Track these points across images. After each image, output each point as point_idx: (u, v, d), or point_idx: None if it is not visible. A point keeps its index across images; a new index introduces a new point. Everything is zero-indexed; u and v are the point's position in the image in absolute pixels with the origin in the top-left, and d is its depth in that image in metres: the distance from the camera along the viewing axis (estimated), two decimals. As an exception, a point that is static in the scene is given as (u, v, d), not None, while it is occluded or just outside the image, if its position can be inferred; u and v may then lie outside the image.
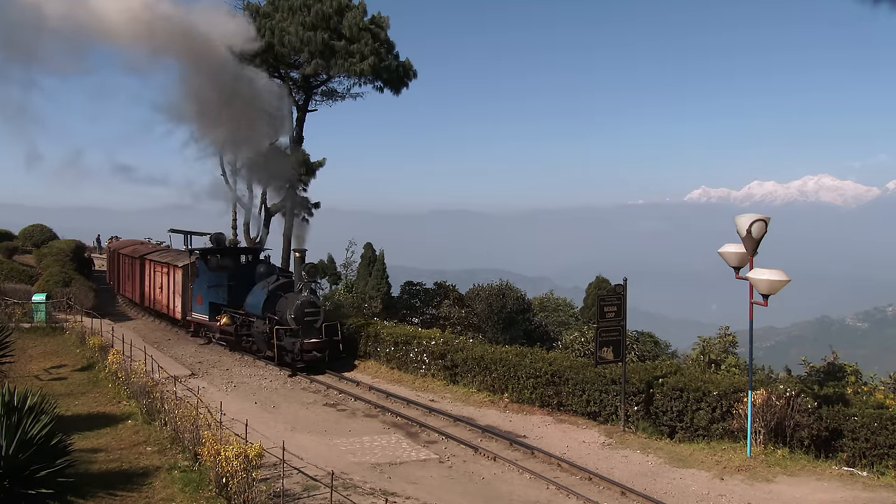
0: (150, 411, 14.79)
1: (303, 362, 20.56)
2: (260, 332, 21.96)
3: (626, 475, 12.51)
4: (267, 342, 21.48)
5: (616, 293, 15.64)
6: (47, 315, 26.54)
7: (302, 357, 20.50)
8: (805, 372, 18.38)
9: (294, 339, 20.67)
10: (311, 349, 20.51)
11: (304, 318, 20.87)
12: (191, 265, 26.25)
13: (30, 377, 18.88)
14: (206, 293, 24.84)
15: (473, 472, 12.87)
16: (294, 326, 20.82)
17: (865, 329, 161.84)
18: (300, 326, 20.78)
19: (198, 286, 25.53)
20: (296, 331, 20.80)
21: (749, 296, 13.07)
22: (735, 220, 13.00)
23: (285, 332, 20.91)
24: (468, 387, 18.67)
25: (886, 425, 12.18)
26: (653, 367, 16.23)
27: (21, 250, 45.25)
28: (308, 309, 21.06)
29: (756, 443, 13.20)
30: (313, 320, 21.13)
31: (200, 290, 25.30)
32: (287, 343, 20.76)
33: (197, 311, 25.72)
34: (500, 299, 30.57)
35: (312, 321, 21.09)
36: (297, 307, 20.90)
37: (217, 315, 24.48)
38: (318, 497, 10.75)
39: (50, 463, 10.01)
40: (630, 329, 21.99)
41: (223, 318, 23.95)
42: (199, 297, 25.37)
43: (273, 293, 22.16)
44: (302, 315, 20.89)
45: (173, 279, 27.56)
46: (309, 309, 21.08)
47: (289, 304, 21.18)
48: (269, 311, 21.85)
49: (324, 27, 28.31)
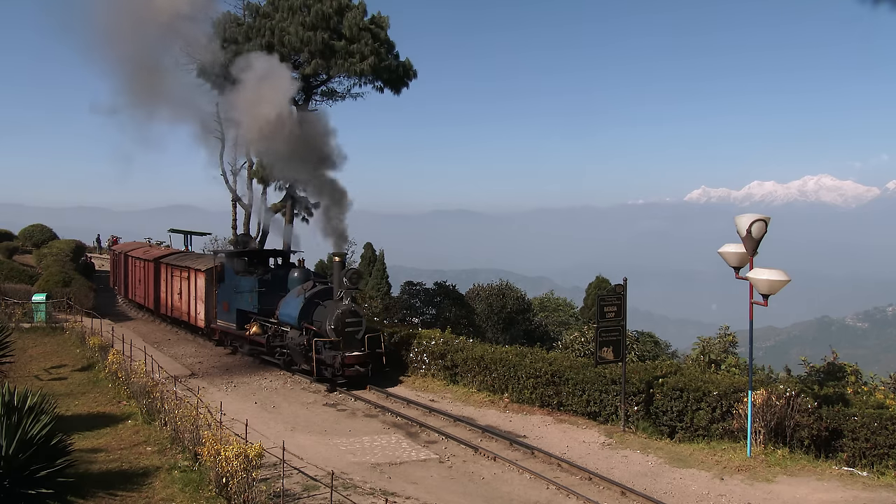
0: (150, 411, 14.79)
1: (344, 378, 18.70)
2: (296, 344, 19.99)
3: (626, 475, 12.51)
4: (304, 355, 19.65)
5: (616, 293, 15.64)
6: (47, 315, 26.55)
7: (343, 372, 18.66)
8: (805, 372, 18.35)
9: (334, 353, 18.84)
10: (352, 363, 18.72)
11: (344, 329, 19.12)
12: (215, 269, 24.60)
13: (30, 377, 18.88)
14: (234, 300, 23.13)
15: (473, 472, 12.87)
16: (334, 338, 19.04)
17: (865, 329, 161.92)
18: (340, 338, 19.04)
19: (224, 292, 23.92)
20: (336, 343, 19.01)
21: (749, 296, 13.06)
22: (735, 220, 13.00)
23: (324, 344, 19.14)
24: (468, 387, 18.67)
25: (886, 425, 12.18)
26: (653, 367, 16.22)
27: (21, 250, 45.33)
28: (350, 319, 19.27)
29: (756, 443, 13.20)
30: (355, 331, 19.36)
31: (227, 297, 23.62)
32: (326, 356, 18.89)
33: (223, 319, 24.01)
34: (500, 299, 30.60)
35: (354, 332, 19.33)
36: (337, 317, 19.06)
37: (246, 324, 22.70)
38: (318, 497, 10.74)
39: (50, 463, 10.01)
40: (630, 329, 21.99)
41: (253, 328, 22.15)
42: (225, 303, 23.70)
43: (310, 301, 20.15)
44: (343, 325, 19.10)
45: (195, 284, 25.88)
46: (350, 319, 19.30)
47: (328, 313, 19.37)
48: (305, 320, 19.94)
49: (324, 27, 28.30)
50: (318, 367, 19.01)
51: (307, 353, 19.38)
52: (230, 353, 23.47)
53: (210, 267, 24.79)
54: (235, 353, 23.33)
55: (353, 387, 18.78)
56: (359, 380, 18.85)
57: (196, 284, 25.69)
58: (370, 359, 19.20)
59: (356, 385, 18.84)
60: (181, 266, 27.23)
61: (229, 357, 23.33)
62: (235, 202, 37.07)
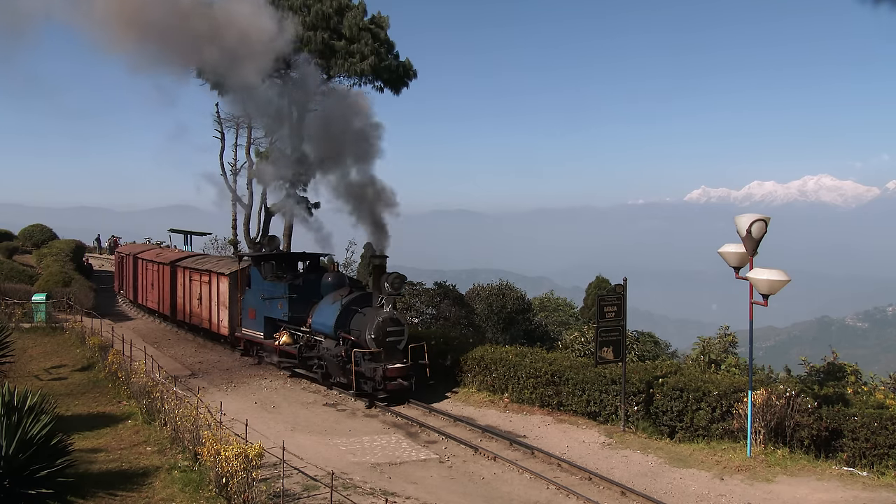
0: (150, 411, 14.80)
1: (385, 392, 17.20)
2: (332, 356, 18.33)
3: (626, 475, 12.51)
4: (341, 367, 17.99)
5: (616, 293, 15.65)
6: (47, 315, 26.55)
7: (384, 385, 17.17)
8: (805, 372, 18.35)
9: (375, 364, 17.33)
10: (395, 376, 17.21)
11: (386, 339, 17.67)
12: (240, 273, 23.05)
13: (30, 377, 18.89)
14: (261, 306, 21.46)
15: (473, 472, 12.87)
16: (374, 349, 17.60)
17: (865, 329, 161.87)
18: (381, 349, 17.62)
19: (250, 298, 22.30)
20: (377, 354, 17.55)
21: (749, 296, 13.07)
22: (735, 220, 13.01)
23: (363, 355, 17.62)
24: (468, 387, 18.66)
25: (886, 425, 12.18)
26: (653, 367, 16.23)
27: (21, 250, 45.36)
28: (391, 328, 17.77)
29: (756, 443, 13.20)
30: (396, 341, 17.90)
31: (253, 303, 21.98)
32: (366, 369, 17.36)
33: (248, 328, 22.35)
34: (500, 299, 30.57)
35: (395, 342, 17.87)
36: (377, 325, 17.57)
37: (275, 332, 21.20)
38: (318, 497, 10.74)
39: (50, 463, 10.02)
40: (630, 329, 21.98)
41: (283, 337, 20.58)
42: (252, 310, 22.07)
43: (347, 308, 18.58)
44: (384, 335, 17.64)
45: (217, 289, 24.22)
46: (392, 328, 17.80)
47: (367, 321, 17.80)
48: (341, 329, 18.35)
49: (324, 27, 28.31)
50: (358, 381, 17.47)
51: (345, 366, 17.80)
52: (256, 363, 22.09)
53: (234, 271, 23.26)
54: (261, 363, 21.98)
55: (393, 401, 17.36)
56: (401, 394, 17.42)
57: (219, 289, 24.13)
58: (413, 371, 17.67)
59: (397, 399, 17.42)
60: (201, 269, 25.73)
61: (229, 357, 23.32)
62: (235, 202, 37.08)
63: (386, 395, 17.24)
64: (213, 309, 24.52)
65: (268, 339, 21.38)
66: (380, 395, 17.26)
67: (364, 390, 17.50)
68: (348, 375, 17.62)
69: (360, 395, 17.61)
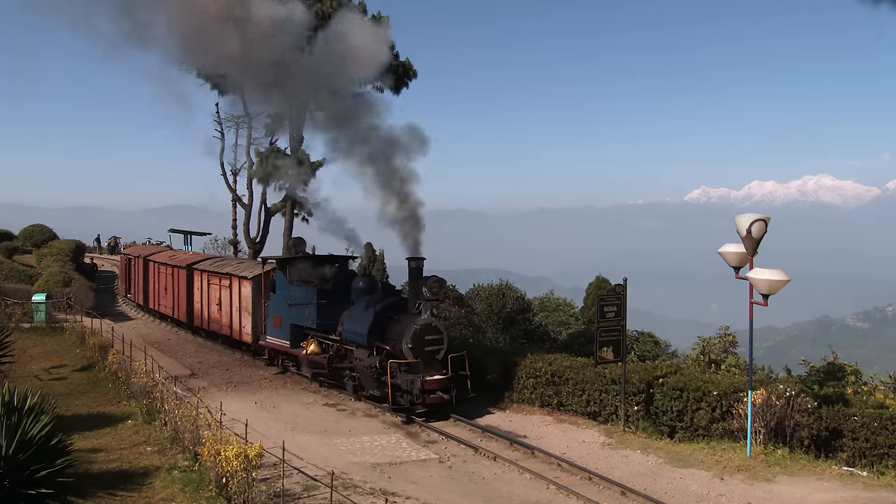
0: (150, 411, 14.80)
1: (424, 406, 15.80)
2: (365, 367, 16.83)
3: (626, 475, 12.51)
4: (375, 379, 16.48)
5: (616, 293, 15.65)
6: (47, 315, 26.55)
7: (423, 399, 15.81)
8: (805, 372, 18.37)
9: (412, 376, 15.96)
10: (434, 388, 15.85)
11: (424, 348, 16.36)
12: (264, 276, 21.85)
13: (30, 377, 18.88)
14: (287, 313, 20.08)
15: (473, 472, 12.87)
16: (411, 359, 16.24)
17: (865, 329, 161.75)
18: (419, 359, 16.27)
19: (274, 304, 20.89)
20: (414, 365, 16.17)
21: (749, 296, 13.07)
22: (735, 219, 13.01)
23: (399, 366, 16.23)
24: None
25: (886, 425, 12.18)
26: (653, 367, 16.23)
27: (21, 250, 45.37)
28: (430, 336, 16.45)
29: (756, 443, 13.20)
30: (436, 350, 16.55)
31: (278, 309, 20.59)
32: (403, 381, 15.95)
33: (273, 335, 20.99)
34: (500, 299, 30.55)
35: (434, 351, 16.53)
36: (415, 333, 16.25)
37: (302, 341, 19.82)
38: (318, 497, 10.74)
39: (50, 463, 10.02)
40: (630, 329, 22.00)
41: (310, 346, 19.21)
42: (277, 317, 20.68)
43: (381, 315, 17.11)
44: (422, 344, 16.34)
45: (239, 294, 23.03)
46: (431, 336, 16.47)
47: (403, 329, 16.46)
48: (376, 338, 16.91)
49: (323, 27, 28.28)
50: (394, 394, 16.02)
51: (380, 378, 16.34)
52: (280, 372, 20.92)
53: (258, 274, 22.05)
54: (286, 372, 20.79)
55: (433, 417, 16.00)
56: (441, 408, 16.10)
57: (241, 294, 22.89)
58: (454, 382, 16.33)
59: (438, 415, 16.09)
60: (221, 273, 24.46)
61: (229, 357, 23.32)
62: (235, 202, 37.06)
63: (425, 409, 15.88)
64: (235, 315, 23.38)
65: (294, 347, 20.08)
66: (418, 410, 15.89)
67: (401, 404, 15.99)
68: (383, 388, 16.16)
69: (397, 409, 16.12)
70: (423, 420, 15.88)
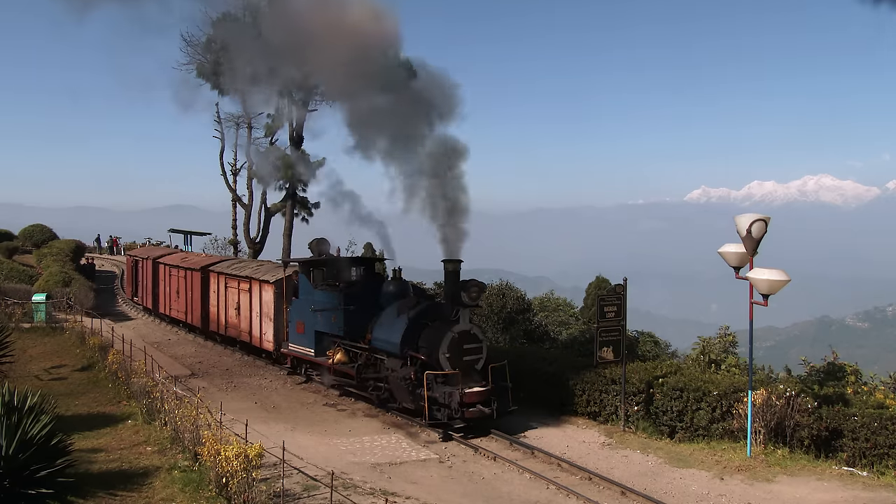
0: (150, 411, 14.80)
1: (462, 421, 14.54)
2: (399, 378, 15.49)
3: (626, 475, 12.51)
4: (410, 392, 15.15)
5: (616, 293, 15.65)
6: (47, 315, 26.55)
7: (461, 413, 14.50)
8: (805, 372, 18.35)
9: (449, 389, 14.66)
10: (474, 401, 14.55)
11: (462, 358, 15.08)
12: (286, 280, 20.70)
13: (30, 377, 18.88)
14: (311, 319, 18.80)
15: (473, 471, 12.87)
16: (449, 370, 14.97)
17: (865, 329, 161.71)
18: (457, 369, 14.96)
19: (297, 309, 19.64)
20: (452, 376, 14.90)
21: (749, 296, 13.07)
22: (735, 219, 13.01)
23: (435, 377, 14.92)
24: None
25: (886, 425, 12.18)
26: (653, 367, 16.23)
27: (21, 250, 45.38)
28: (468, 344, 15.17)
29: (756, 443, 13.20)
30: (474, 360, 15.28)
31: (301, 315, 19.30)
32: (439, 393, 14.64)
33: (296, 343, 19.73)
34: (500, 299, 30.54)
35: (473, 361, 15.27)
36: (452, 341, 14.97)
37: (327, 349, 18.48)
38: (318, 497, 10.74)
39: (50, 463, 10.02)
40: (630, 329, 21.98)
41: (337, 354, 17.86)
42: (300, 323, 19.42)
43: (414, 322, 15.78)
44: (460, 353, 15.05)
45: (259, 298, 21.89)
46: (469, 344, 15.19)
47: (439, 337, 15.10)
48: (408, 346, 15.61)
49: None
50: (430, 408, 14.71)
51: (415, 390, 15.03)
52: (304, 381, 19.77)
53: (280, 278, 20.89)
54: (310, 381, 19.60)
55: (471, 432, 14.80)
56: (481, 422, 14.90)
57: (262, 299, 21.77)
58: (494, 395, 15.01)
59: (477, 430, 14.89)
60: (240, 276, 23.25)
61: (229, 357, 23.32)
62: (235, 202, 37.09)
63: (463, 423, 14.65)
64: (255, 321, 22.19)
65: (319, 356, 18.75)
66: (456, 425, 14.65)
67: (437, 419, 14.71)
68: (418, 401, 14.94)
69: (434, 424, 14.85)
70: (462, 436, 14.67)
